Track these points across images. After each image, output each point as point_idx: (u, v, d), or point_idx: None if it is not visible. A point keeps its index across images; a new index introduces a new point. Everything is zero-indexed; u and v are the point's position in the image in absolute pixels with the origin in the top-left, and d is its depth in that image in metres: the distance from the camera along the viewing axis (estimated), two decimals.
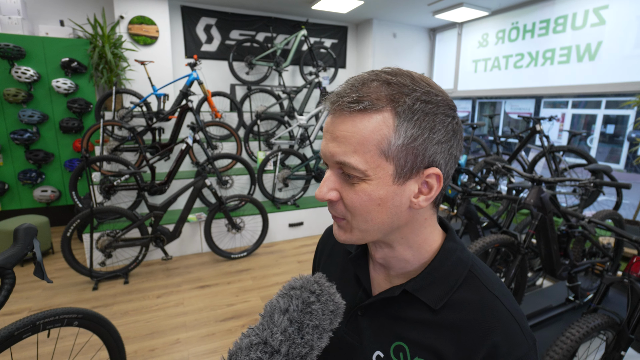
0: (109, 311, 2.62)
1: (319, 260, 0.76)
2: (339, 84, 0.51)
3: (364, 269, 0.62)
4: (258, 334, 0.48)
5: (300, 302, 0.50)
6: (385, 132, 0.46)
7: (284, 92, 4.79)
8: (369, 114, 0.46)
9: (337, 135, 0.48)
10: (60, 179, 4.22)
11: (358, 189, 0.48)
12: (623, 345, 1.53)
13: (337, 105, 0.48)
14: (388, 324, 0.57)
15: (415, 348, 0.53)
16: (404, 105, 0.46)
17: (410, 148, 0.47)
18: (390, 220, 0.50)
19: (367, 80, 0.48)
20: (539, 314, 2.38)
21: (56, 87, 3.92)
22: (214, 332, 2.42)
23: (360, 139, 0.46)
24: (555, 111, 9.79)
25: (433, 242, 0.56)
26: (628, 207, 4.69)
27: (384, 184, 0.48)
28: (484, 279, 0.54)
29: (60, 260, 3.40)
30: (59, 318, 1.24)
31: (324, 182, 0.51)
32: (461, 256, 0.55)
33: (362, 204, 0.49)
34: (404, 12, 5.38)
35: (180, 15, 5.05)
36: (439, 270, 0.54)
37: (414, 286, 0.54)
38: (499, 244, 1.97)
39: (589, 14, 4.08)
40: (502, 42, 5.20)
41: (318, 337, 0.49)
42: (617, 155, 9.01)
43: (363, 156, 0.46)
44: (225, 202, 3.34)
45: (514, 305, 0.52)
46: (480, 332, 0.49)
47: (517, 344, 0.48)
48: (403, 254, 0.55)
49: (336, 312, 0.51)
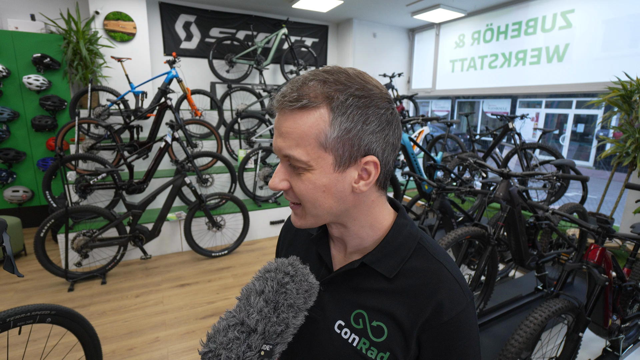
0: (86, 312, 2.57)
1: (282, 247, 0.81)
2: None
3: (325, 247, 0.67)
4: (235, 316, 0.50)
5: (275, 283, 0.53)
6: (322, 127, 0.51)
7: (264, 90, 4.79)
8: (307, 111, 0.51)
9: (283, 131, 0.53)
10: (32, 178, 4.09)
11: (304, 179, 0.54)
12: (581, 327, 1.64)
13: (280, 104, 0.53)
14: (348, 296, 0.62)
15: (373, 313, 0.59)
16: (337, 102, 0.51)
17: (346, 139, 0.52)
18: (337, 205, 0.56)
19: (307, 80, 0.53)
20: (510, 303, 2.50)
21: (27, 83, 3.79)
22: (194, 330, 2.41)
23: (301, 134, 0.51)
24: (530, 110, 10.18)
25: (384, 220, 0.62)
26: (595, 201, 4.94)
27: (325, 172, 0.53)
28: (431, 249, 0.61)
29: (33, 262, 3.30)
30: (31, 314, 1.23)
31: (276, 174, 0.56)
32: (411, 230, 0.62)
33: (309, 192, 0.54)
34: (383, 12, 5.46)
35: (158, 11, 4.97)
36: (392, 243, 0.60)
37: (371, 259, 0.60)
38: (470, 235, 2.05)
39: (557, 17, 4.27)
40: (478, 43, 5.36)
41: (293, 316, 0.52)
42: (587, 152, 9.45)
43: (304, 149, 0.52)
44: (206, 201, 3.33)
45: (455, 269, 0.60)
46: (427, 293, 0.56)
47: (458, 301, 0.56)
48: (357, 232, 0.61)
49: (310, 291, 0.55)
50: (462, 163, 3.82)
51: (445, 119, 4.15)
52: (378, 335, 0.58)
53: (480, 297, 2.29)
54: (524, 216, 2.21)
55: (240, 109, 4.72)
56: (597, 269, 1.66)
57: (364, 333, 0.59)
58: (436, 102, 8.59)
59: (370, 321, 0.59)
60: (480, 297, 2.29)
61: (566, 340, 1.71)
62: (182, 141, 3.30)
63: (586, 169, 8.89)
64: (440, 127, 8.15)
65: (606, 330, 1.81)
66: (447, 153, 4.42)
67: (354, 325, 0.60)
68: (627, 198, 3.35)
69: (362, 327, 0.59)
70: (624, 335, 1.98)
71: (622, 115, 3.22)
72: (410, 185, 5.12)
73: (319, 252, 0.68)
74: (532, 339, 1.52)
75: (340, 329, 0.61)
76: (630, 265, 1.90)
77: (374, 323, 0.58)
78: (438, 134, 4.56)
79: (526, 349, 1.55)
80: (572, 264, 1.72)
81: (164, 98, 3.50)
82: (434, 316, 0.55)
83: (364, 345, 0.58)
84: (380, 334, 0.58)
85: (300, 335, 0.64)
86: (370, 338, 0.58)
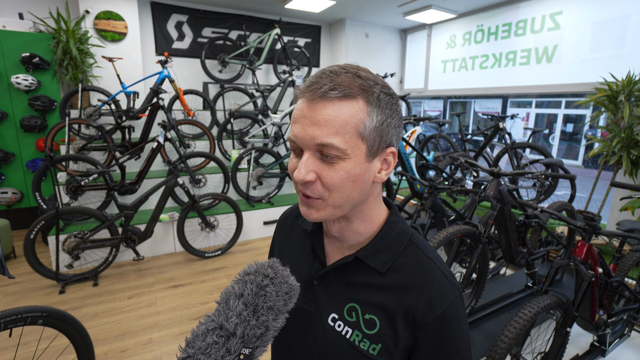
0: (77, 314, 2.55)
1: (276, 242, 0.82)
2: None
3: (319, 242, 0.69)
4: (214, 320, 0.49)
5: (255, 286, 0.52)
6: (361, 117, 0.53)
7: (257, 90, 4.79)
8: (348, 100, 0.53)
9: (318, 120, 0.53)
10: (21, 180, 4.03)
11: (338, 168, 0.54)
12: (569, 322, 1.67)
13: (317, 93, 0.53)
14: (341, 290, 0.64)
15: (365, 307, 0.61)
16: (373, 95, 0.54)
17: (379, 130, 0.55)
18: (359, 195, 0.58)
19: (339, 72, 0.55)
20: (501, 300, 2.54)
21: (16, 83, 3.74)
22: (188, 331, 2.40)
23: (342, 122, 0.53)
24: (520, 110, 10.32)
25: (380, 215, 0.65)
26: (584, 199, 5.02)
27: (359, 161, 0.55)
28: (421, 246, 0.64)
29: (23, 264, 3.26)
30: (22, 316, 1.22)
31: (303, 165, 0.54)
32: (403, 227, 0.65)
33: (341, 181, 0.55)
34: (375, 12, 5.49)
35: (150, 11, 4.93)
36: (385, 239, 0.63)
37: (364, 253, 0.62)
38: (462, 234, 2.08)
39: (546, 19, 4.34)
40: (469, 44, 5.43)
41: (273, 318, 0.51)
42: (576, 152, 9.61)
43: (344, 137, 0.53)
44: (199, 201, 3.32)
45: (443, 265, 0.63)
46: (418, 288, 0.59)
47: (448, 294, 0.59)
48: (357, 227, 0.63)
49: (290, 293, 0.54)
50: (454, 162, 3.87)
51: (437, 119, 4.20)
52: (370, 328, 0.60)
53: (471, 295, 2.33)
54: (514, 214, 2.25)
55: (233, 109, 4.70)
56: (584, 265, 1.70)
57: (357, 325, 0.61)
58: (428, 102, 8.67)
59: (363, 314, 0.61)
60: (471, 295, 2.33)
61: (555, 335, 1.75)
62: (174, 141, 3.29)
63: (575, 167, 9.04)
64: (432, 127, 8.21)
65: (593, 325, 1.85)
66: (439, 153, 4.47)
67: (347, 318, 0.62)
68: (614, 196, 3.43)
69: (355, 319, 0.61)
70: (611, 330, 2.03)
71: (608, 115, 3.30)
72: (402, 184, 5.16)
73: (313, 247, 0.69)
74: (522, 334, 1.55)
75: (333, 321, 0.63)
76: (616, 261, 1.95)
77: (367, 316, 0.60)
78: (430, 134, 4.61)
79: (516, 345, 1.58)
80: (560, 261, 1.76)
81: (156, 98, 3.48)
82: (425, 311, 0.57)
83: (356, 337, 0.60)
84: (373, 327, 0.60)
85: (294, 327, 0.65)
86: (363, 330, 0.60)
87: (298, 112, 0.56)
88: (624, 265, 2.08)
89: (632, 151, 3.02)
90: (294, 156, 0.59)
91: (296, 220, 0.78)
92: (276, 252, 0.81)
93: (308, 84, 0.55)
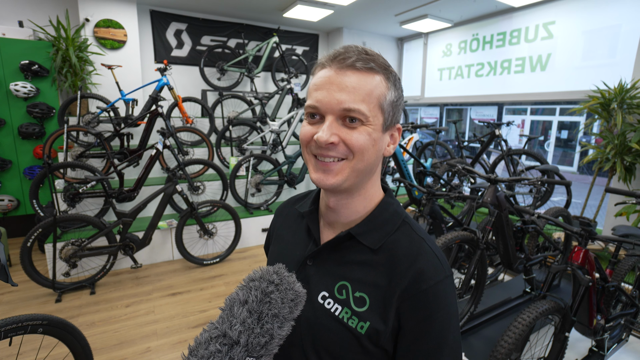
0: (74, 323, 2.52)
1: (272, 232, 0.84)
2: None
3: (315, 222, 0.71)
4: (217, 327, 0.48)
5: (259, 293, 0.51)
6: (383, 90, 0.59)
7: (256, 98, 4.82)
8: (373, 73, 0.58)
9: (347, 86, 0.56)
10: (18, 187, 4.01)
11: (361, 130, 0.58)
12: (567, 327, 1.69)
13: (346, 62, 0.57)
14: (333, 269, 0.65)
15: (356, 284, 0.62)
16: (392, 75, 0.61)
17: (394, 106, 0.61)
18: (374, 161, 0.62)
19: (363, 49, 0.60)
20: (499, 305, 2.55)
21: (15, 90, 3.74)
22: (186, 339, 2.39)
23: (368, 91, 0.57)
24: (516, 117, 10.43)
25: (378, 195, 0.68)
26: (580, 205, 5.07)
27: (377, 129, 0.60)
28: (414, 227, 0.66)
29: (19, 273, 3.23)
30: (22, 325, 1.21)
31: (328, 128, 0.57)
32: (397, 209, 0.68)
33: (365, 141, 0.58)
34: (372, 22, 5.58)
35: (149, 19, 4.97)
36: (378, 218, 0.65)
37: (357, 230, 0.64)
38: (460, 240, 2.10)
39: (539, 28, 4.43)
40: (465, 52, 5.51)
41: (279, 326, 0.50)
42: (571, 158, 9.71)
43: (368, 105, 0.57)
44: (197, 208, 3.31)
45: (435, 246, 0.64)
46: (408, 262, 0.60)
47: (438, 271, 0.60)
48: (356, 204, 0.65)
49: (296, 300, 0.53)
50: (451, 169, 3.90)
51: (434, 126, 4.24)
52: (360, 305, 0.60)
53: (470, 301, 2.33)
54: (511, 220, 2.27)
55: (231, 117, 4.73)
56: (580, 270, 1.71)
57: (347, 303, 0.61)
58: (425, 110, 8.75)
59: (353, 292, 0.61)
60: (470, 301, 2.33)
61: (553, 340, 1.76)
62: (173, 149, 3.30)
63: (570, 174, 9.12)
64: (429, 134, 8.28)
65: (591, 330, 1.87)
66: (436, 159, 4.50)
67: (337, 295, 0.62)
68: (609, 202, 3.47)
69: (345, 297, 0.62)
70: (609, 335, 2.04)
71: (602, 122, 3.35)
72: (401, 191, 5.18)
73: (308, 227, 0.71)
74: (521, 340, 1.56)
75: (323, 299, 0.63)
76: (612, 266, 1.97)
77: (357, 294, 0.61)
78: (427, 141, 4.65)
79: (515, 350, 1.59)
80: (558, 266, 1.78)
81: (154, 105, 3.50)
82: (412, 284, 0.58)
83: (345, 314, 0.61)
84: (362, 304, 0.60)
85: None
86: (352, 308, 0.61)
87: (323, 79, 0.58)
88: (620, 270, 2.10)
89: (625, 157, 3.07)
90: (307, 124, 0.61)
91: (293, 206, 0.80)
92: (272, 240, 0.82)
93: (334, 55, 0.59)
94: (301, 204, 0.77)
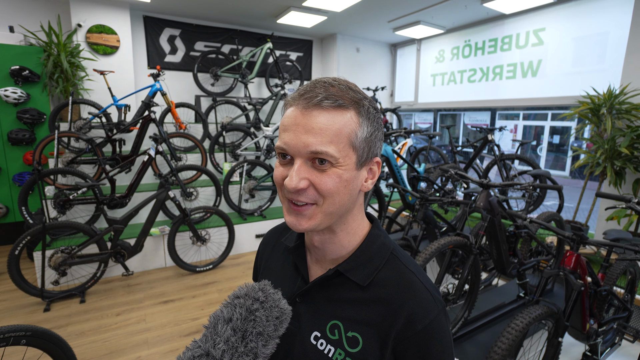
0: (63, 332, 2.47)
1: (260, 262, 0.81)
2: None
3: (302, 258, 0.69)
4: (200, 346, 0.48)
5: (244, 310, 0.50)
6: (354, 127, 0.55)
7: (249, 103, 4.82)
8: (341, 110, 0.55)
9: (313, 127, 0.53)
10: (7, 194, 3.94)
11: (330, 173, 0.55)
12: (560, 332, 1.68)
13: (312, 102, 0.54)
14: (324, 307, 0.63)
15: (348, 324, 0.60)
16: (364, 108, 0.57)
17: (368, 141, 0.58)
18: (348, 201, 0.58)
19: (331, 84, 0.56)
20: (493, 310, 2.54)
21: (4, 96, 3.70)
22: (178, 348, 2.35)
23: (336, 131, 0.54)
24: (508, 122, 10.54)
25: (363, 228, 0.66)
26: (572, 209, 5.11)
27: (349, 169, 0.56)
28: (403, 259, 0.63)
29: (6, 282, 3.16)
30: (4, 337, 1.18)
31: (295, 172, 0.54)
32: (384, 241, 0.65)
33: (335, 185, 0.55)
34: (366, 28, 5.62)
35: (142, 25, 4.96)
36: (366, 252, 0.63)
37: (345, 267, 0.62)
38: (453, 245, 2.10)
39: (530, 35, 4.49)
40: (457, 58, 5.57)
41: (263, 344, 0.49)
42: (563, 162, 9.82)
43: (337, 145, 0.54)
44: (190, 214, 3.28)
45: (426, 278, 0.62)
46: (400, 300, 0.58)
47: (429, 309, 0.58)
48: (341, 240, 0.63)
49: (281, 318, 0.52)
50: (445, 174, 3.91)
51: (428, 132, 4.26)
52: (353, 346, 0.59)
53: (464, 306, 2.33)
54: (504, 225, 2.28)
55: (225, 122, 4.72)
56: (573, 274, 1.72)
57: (340, 344, 0.60)
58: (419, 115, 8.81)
59: (345, 332, 0.60)
60: (464, 306, 2.33)
61: (547, 345, 1.76)
62: (165, 154, 3.27)
63: (562, 178, 9.21)
64: (423, 139, 8.33)
65: (584, 335, 1.87)
66: (429, 165, 4.52)
67: (330, 336, 0.61)
68: (600, 206, 3.50)
69: (337, 337, 0.60)
70: (602, 339, 2.04)
71: (592, 127, 3.39)
72: (394, 196, 5.19)
73: (295, 263, 0.69)
74: (515, 345, 1.56)
75: (316, 340, 0.62)
76: (604, 270, 1.98)
77: (349, 334, 0.59)
78: (421, 146, 4.67)
79: (509, 356, 1.58)
80: (550, 270, 1.78)
81: (147, 111, 3.47)
82: (407, 325, 0.56)
83: (339, 355, 0.59)
84: (356, 345, 0.59)
85: (277, 348, 0.65)
86: (346, 349, 0.59)
87: (290, 119, 0.56)
88: (612, 274, 2.11)
89: (615, 162, 3.11)
90: (279, 164, 0.58)
91: (279, 238, 0.77)
92: (260, 271, 0.80)
93: (301, 93, 0.56)
94: (287, 236, 0.75)
